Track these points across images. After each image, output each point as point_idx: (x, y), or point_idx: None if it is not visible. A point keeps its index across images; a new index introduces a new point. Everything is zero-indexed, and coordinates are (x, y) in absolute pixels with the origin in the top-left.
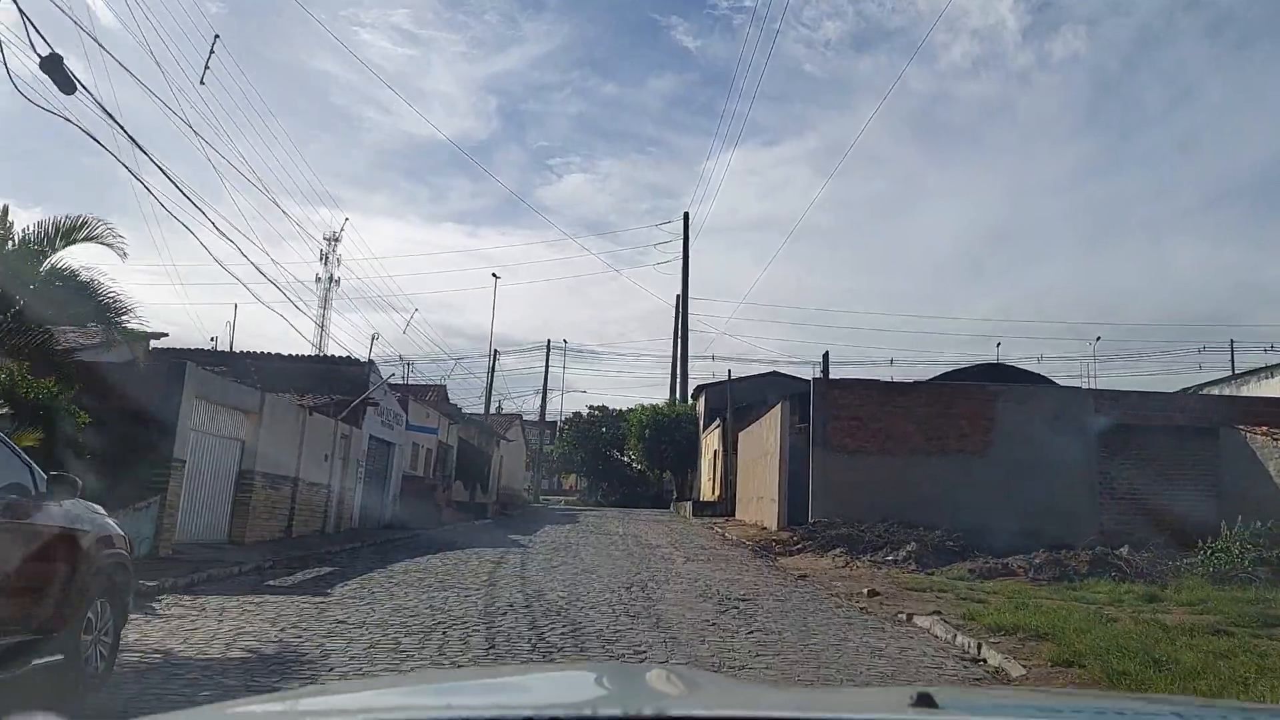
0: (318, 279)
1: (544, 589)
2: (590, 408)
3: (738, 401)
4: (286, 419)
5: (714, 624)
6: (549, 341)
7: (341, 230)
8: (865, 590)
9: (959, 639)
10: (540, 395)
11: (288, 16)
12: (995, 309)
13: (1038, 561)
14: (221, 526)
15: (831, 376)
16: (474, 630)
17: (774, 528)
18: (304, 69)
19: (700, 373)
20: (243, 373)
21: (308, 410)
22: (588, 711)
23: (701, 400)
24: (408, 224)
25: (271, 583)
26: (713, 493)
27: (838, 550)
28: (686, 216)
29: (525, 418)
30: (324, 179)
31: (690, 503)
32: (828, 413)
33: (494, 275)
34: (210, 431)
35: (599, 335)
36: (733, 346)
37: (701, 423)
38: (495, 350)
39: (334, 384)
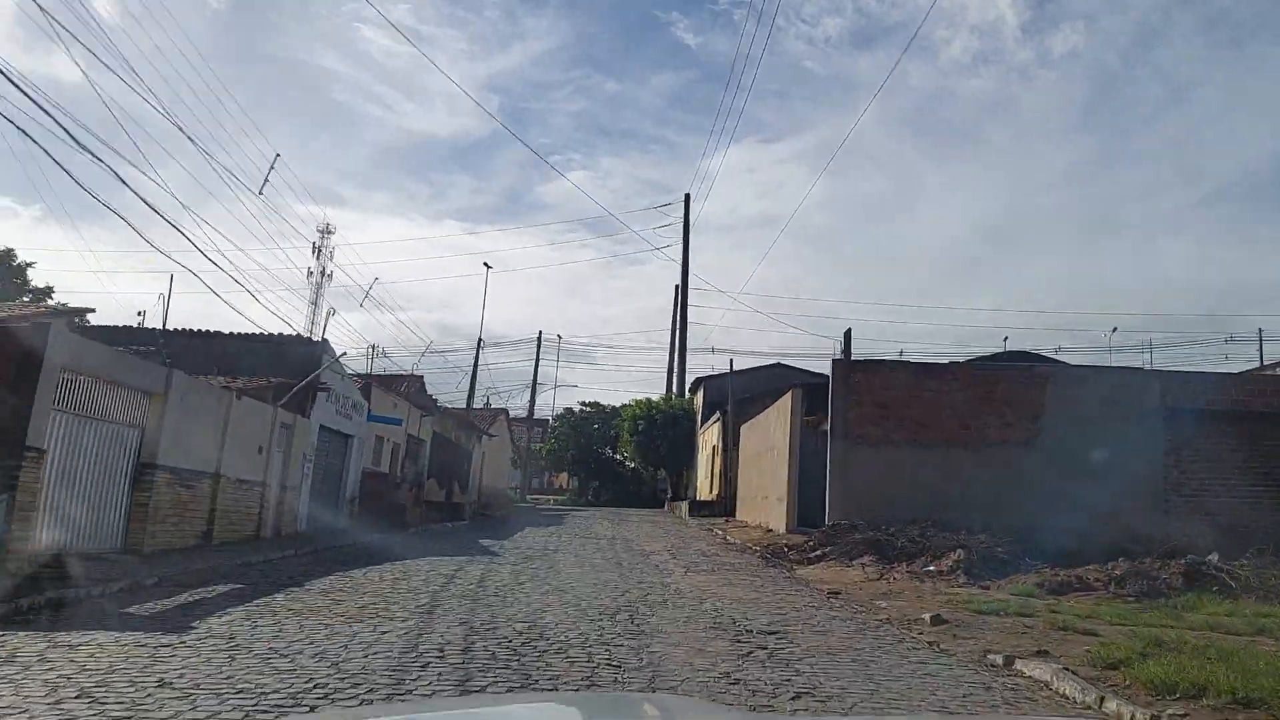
0: (309, 273)
1: (499, 617)
2: (582, 403)
3: (739, 395)
4: (205, 403)
5: (736, 679)
6: (540, 333)
7: (329, 226)
8: (926, 616)
9: (1113, 706)
10: (530, 390)
11: (289, 14)
12: (993, 305)
13: (1117, 573)
14: (113, 533)
15: (854, 358)
16: (370, 696)
17: (782, 530)
18: (306, 66)
19: (699, 366)
20: (178, 353)
21: (234, 393)
22: None
23: (700, 394)
24: (409, 221)
25: (132, 609)
26: (711, 492)
27: (866, 559)
28: (688, 198)
29: (513, 413)
30: (325, 176)
31: (686, 502)
32: (849, 399)
33: (485, 265)
34: (91, 415)
35: (596, 335)
36: (732, 344)
37: (700, 418)
38: (481, 339)
39: (280, 365)
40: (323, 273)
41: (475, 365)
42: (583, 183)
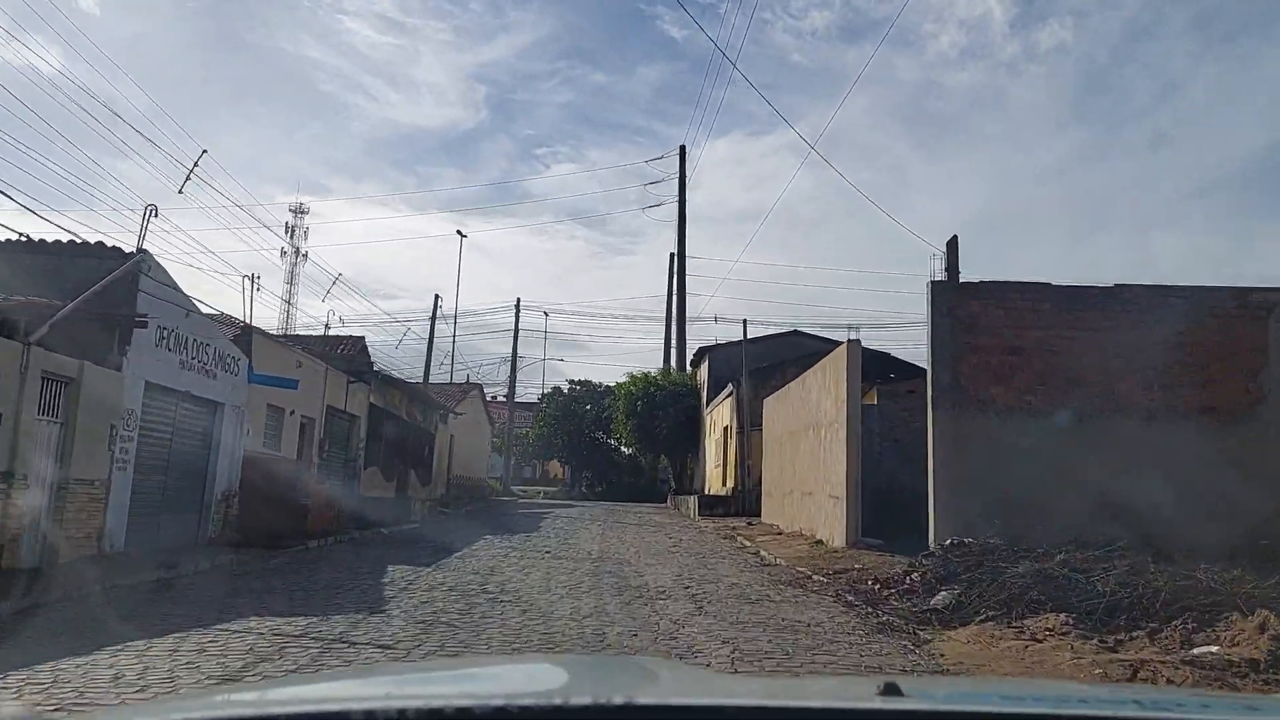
0: (283, 253)
1: None
2: (571, 382)
3: (752, 365)
4: None
5: None
6: (518, 300)
7: (301, 205)
8: None
9: None
10: (509, 364)
11: (271, 3)
12: None
13: None
14: None
15: (965, 280)
16: None
17: (841, 543)
18: (290, 56)
19: (699, 340)
20: None
21: None
22: (559, 700)
23: (704, 366)
24: (396, 212)
25: None
26: (723, 484)
27: (1049, 619)
28: (683, 151)
29: (489, 388)
30: (312, 166)
31: (694, 498)
32: (961, 342)
33: (459, 233)
34: None
35: (585, 320)
36: (727, 324)
37: (705, 394)
38: (437, 296)
39: (60, 286)
40: (297, 252)
41: (432, 324)
42: (571, 174)
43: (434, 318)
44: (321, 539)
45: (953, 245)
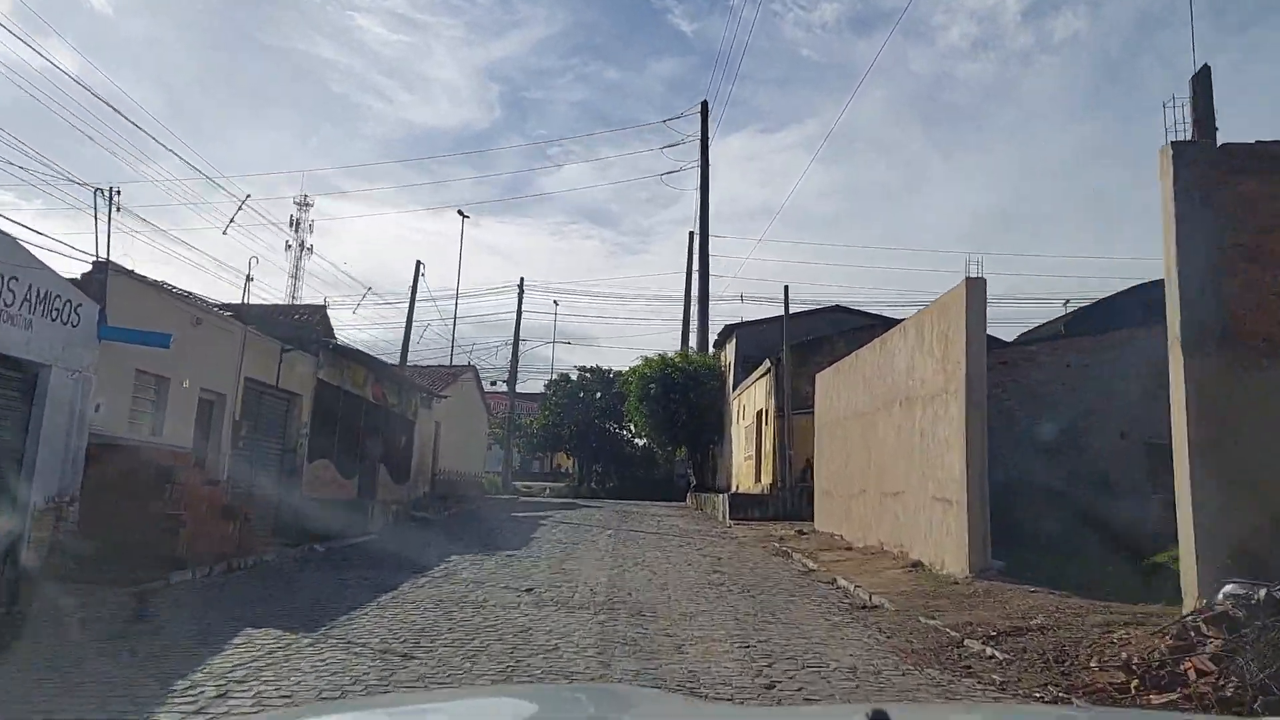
0: (288, 245)
1: None
2: (580, 368)
3: (770, 348)
4: None
5: None
6: (521, 279)
7: (306, 198)
8: None
9: None
10: (512, 347)
11: (282, 3)
12: (1004, 290)
13: None
14: None
15: (1226, 142)
16: None
17: (959, 568)
18: (302, 55)
19: (720, 321)
20: None
21: None
22: None
23: (729, 347)
24: (409, 212)
25: None
26: (756, 479)
27: None
28: (705, 106)
29: (487, 374)
30: (326, 167)
31: (723, 497)
32: (1228, 246)
33: (460, 213)
34: None
35: (597, 307)
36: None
37: (731, 377)
38: (419, 263)
39: None
40: (301, 245)
41: (413, 292)
42: (583, 173)
43: (415, 287)
44: (210, 566)
45: (1203, 80)
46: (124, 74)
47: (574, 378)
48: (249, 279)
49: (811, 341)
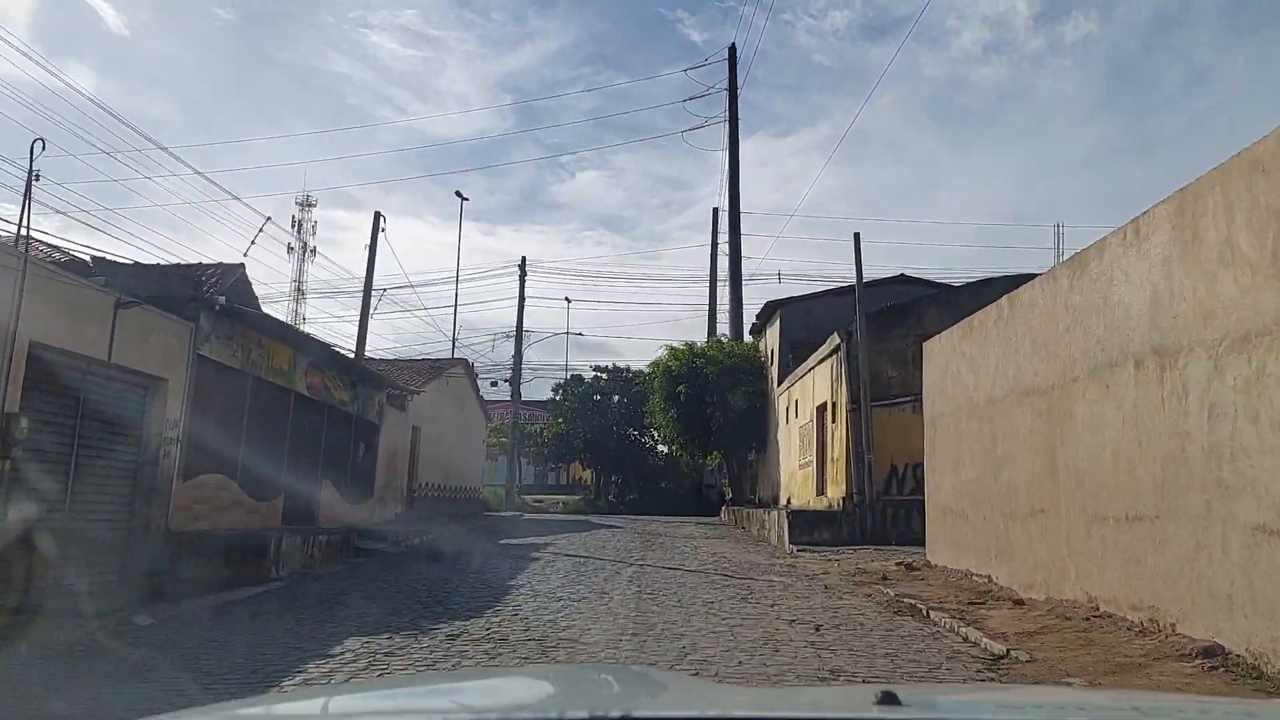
0: (290, 249)
1: None
2: (596, 368)
3: (848, 323)
4: None
5: None
6: (524, 258)
7: (309, 198)
8: None
9: None
10: (515, 338)
11: (298, 21)
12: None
13: None
14: None
15: None
16: None
17: None
18: (316, 70)
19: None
20: None
21: None
22: (554, 713)
23: (772, 330)
24: (426, 223)
25: None
26: (817, 491)
27: None
28: (733, 51)
29: (486, 377)
30: (344, 180)
31: (783, 513)
32: None
33: (458, 195)
34: None
35: (615, 333)
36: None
37: (775, 367)
38: (378, 214)
39: None
40: (305, 247)
41: (372, 247)
42: (596, 181)
43: (374, 240)
44: None
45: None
46: (140, 93)
47: (588, 379)
48: (268, 221)
49: (891, 310)
